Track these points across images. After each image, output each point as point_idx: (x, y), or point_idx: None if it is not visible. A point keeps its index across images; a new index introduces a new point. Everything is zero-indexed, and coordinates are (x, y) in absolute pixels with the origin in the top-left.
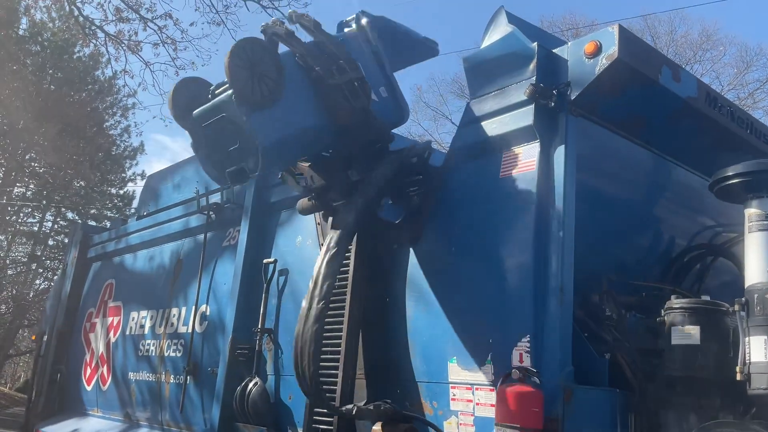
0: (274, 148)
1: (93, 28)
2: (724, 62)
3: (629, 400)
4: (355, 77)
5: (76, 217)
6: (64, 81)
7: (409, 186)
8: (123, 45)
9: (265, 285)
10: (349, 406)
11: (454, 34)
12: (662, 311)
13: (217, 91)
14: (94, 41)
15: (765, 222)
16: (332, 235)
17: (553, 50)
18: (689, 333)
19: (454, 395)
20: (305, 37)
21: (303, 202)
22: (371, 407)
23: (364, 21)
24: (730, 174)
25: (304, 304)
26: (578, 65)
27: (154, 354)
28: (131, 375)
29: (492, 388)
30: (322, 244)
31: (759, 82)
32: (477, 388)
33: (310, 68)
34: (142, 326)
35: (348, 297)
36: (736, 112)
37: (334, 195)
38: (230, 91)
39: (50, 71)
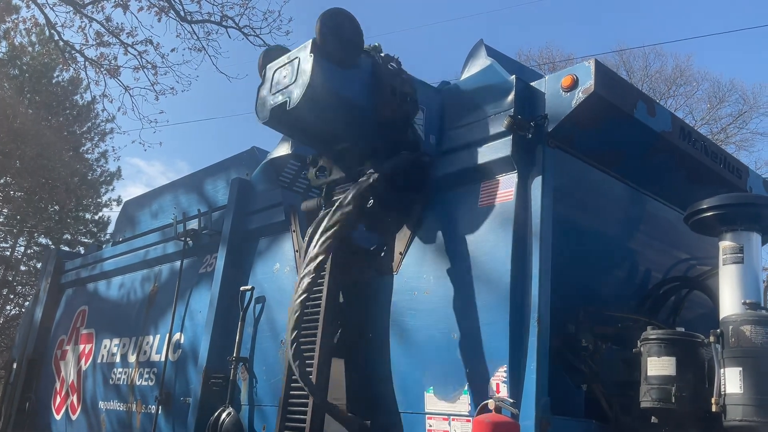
0: (318, 92)
1: (73, 52)
2: (697, 97)
3: (605, 431)
4: (409, 92)
5: (50, 243)
6: (42, 105)
7: (406, 195)
8: (103, 69)
9: (241, 313)
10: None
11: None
12: (638, 342)
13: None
14: (73, 65)
15: (739, 255)
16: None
17: (531, 83)
18: (665, 364)
19: (431, 426)
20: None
21: (307, 203)
22: None
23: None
24: (705, 207)
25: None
26: (555, 98)
27: (125, 383)
28: (101, 404)
29: (468, 418)
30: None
31: (731, 117)
32: (453, 419)
33: (377, 63)
34: (114, 354)
35: (320, 324)
36: (710, 147)
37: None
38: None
39: (28, 95)
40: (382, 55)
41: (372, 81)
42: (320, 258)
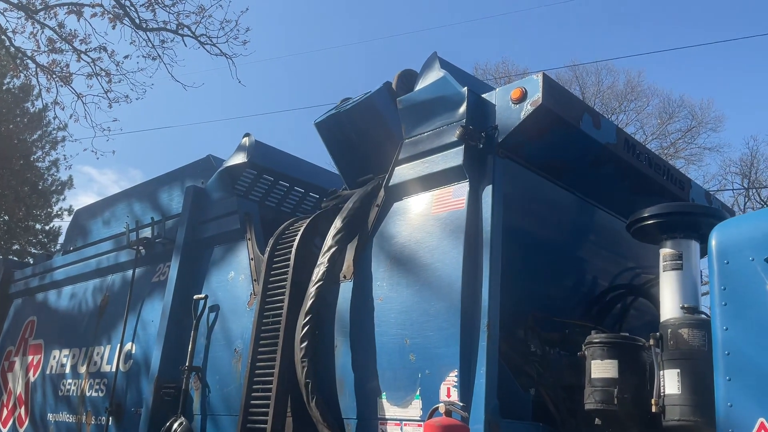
0: (370, 106)
1: (24, 58)
2: (647, 113)
3: None
4: None
5: None
6: None
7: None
8: (55, 76)
9: (194, 321)
10: None
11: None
12: (583, 346)
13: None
14: (24, 72)
15: (678, 262)
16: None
17: (483, 95)
18: (608, 367)
19: (383, 431)
20: None
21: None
22: None
23: None
24: (646, 215)
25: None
26: (505, 110)
27: (74, 394)
28: (50, 416)
29: (420, 423)
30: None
31: (681, 132)
32: (405, 424)
33: None
34: (64, 365)
35: (281, 333)
36: (653, 159)
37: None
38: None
39: None
40: None
41: None
42: (333, 249)
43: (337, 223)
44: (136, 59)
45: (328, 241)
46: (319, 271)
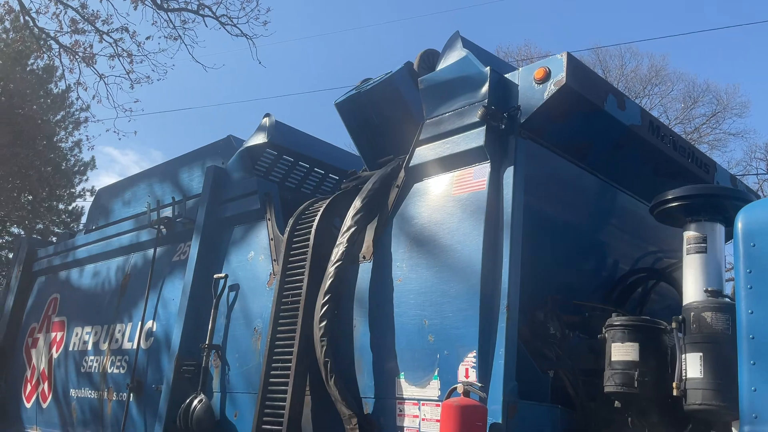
0: (390, 86)
1: (47, 39)
2: (671, 97)
3: (571, 417)
4: None
5: (22, 233)
6: (16, 92)
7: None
8: (78, 57)
9: (214, 300)
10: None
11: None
12: (603, 329)
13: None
14: (48, 53)
15: (702, 245)
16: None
17: (505, 75)
18: (628, 350)
19: (401, 411)
20: None
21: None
22: None
23: None
24: (670, 198)
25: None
26: (528, 90)
27: (96, 371)
28: (72, 392)
29: (438, 403)
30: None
31: (705, 117)
32: (423, 404)
33: None
34: (86, 342)
35: (300, 313)
36: (678, 141)
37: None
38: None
39: (1, 82)
40: None
41: None
42: (352, 230)
43: (357, 204)
44: (158, 40)
45: (348, 221)
46: (338, 251)
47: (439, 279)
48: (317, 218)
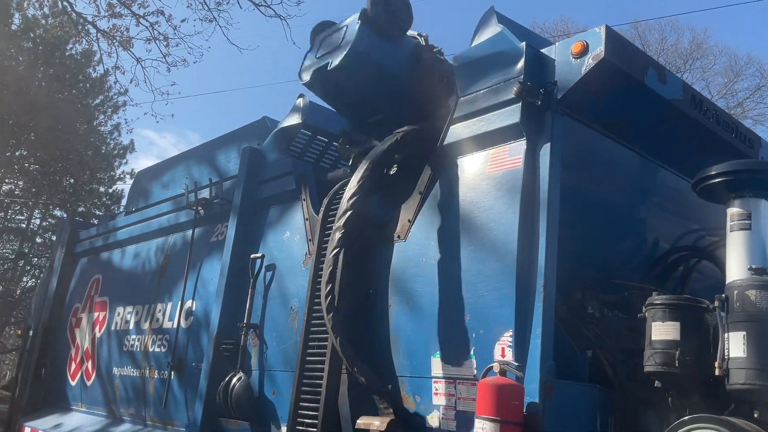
0: (359, 57)
1: (85, 24)
2: (713, 71)
3: (609, 396)
4: (447, 74)
5: (65, 215)
6: (55, 77)
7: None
8: (115, 41)
9: (251, 280)
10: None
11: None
12: (643, 308)
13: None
14: (86, 37)
15: (746, 221)
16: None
17: (541, 50)
18: (669, 329)
19: (437, 390)
20: None
21: (335, 173)
22: None
23: None
24: (713, 173)
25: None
26: (565, 65)
27: (138, 349)
28: (115, 370)
29: (474, 382)
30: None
31: (748, 91)
32: (459, 383)
33: (421, 45)
34: (128, 321)
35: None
36: (722, 116)
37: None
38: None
39: (42, 68)
40: (427, 41)
41: (412, 59)
42: (349, 213)
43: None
44: (193, 23)
45: (352, 187)
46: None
47: (474, 258)
48: None
